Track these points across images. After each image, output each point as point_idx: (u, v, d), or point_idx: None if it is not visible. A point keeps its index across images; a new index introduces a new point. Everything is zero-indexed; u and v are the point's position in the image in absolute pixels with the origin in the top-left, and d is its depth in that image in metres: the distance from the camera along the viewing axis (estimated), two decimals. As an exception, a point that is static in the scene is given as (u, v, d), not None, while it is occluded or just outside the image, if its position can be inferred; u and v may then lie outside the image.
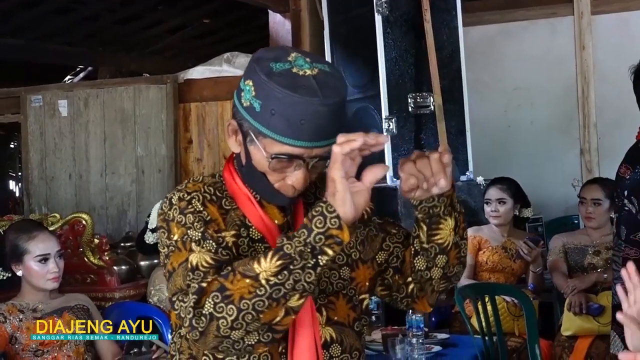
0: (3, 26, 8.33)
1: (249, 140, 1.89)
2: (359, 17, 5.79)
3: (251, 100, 1.85)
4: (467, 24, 6.20)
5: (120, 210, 6.74)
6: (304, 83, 1.83)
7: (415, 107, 5.74)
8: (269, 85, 1.81)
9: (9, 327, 3.68)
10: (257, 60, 1.87)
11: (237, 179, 1.97)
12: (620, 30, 7.32)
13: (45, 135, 6.98)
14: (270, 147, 1.84)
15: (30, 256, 3.75)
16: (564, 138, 7.57)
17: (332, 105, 1.84)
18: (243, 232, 1.93)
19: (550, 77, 7.60)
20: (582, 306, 4.77)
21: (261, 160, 1.88)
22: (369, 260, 2.13)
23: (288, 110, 1.80)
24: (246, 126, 1.88)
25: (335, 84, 1.86)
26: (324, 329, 1.99)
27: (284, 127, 1.81)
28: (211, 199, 1.92)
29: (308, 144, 1.84)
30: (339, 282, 2.04)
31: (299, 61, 1.87)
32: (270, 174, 1.89)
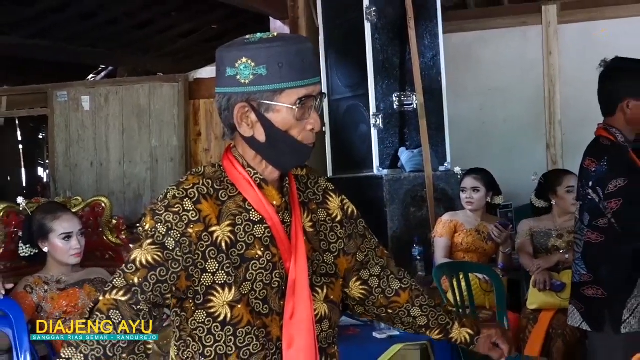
0: (33, 29, 8.31)
1: (264, 109, 1.86)
2: (350, 24, 5.78)
3: (253, 72, 1.83)
4: (447, 32, 6.20)
5: (136, 194, 6.75)
6: (282, 37, 1.91)
7: (399, 105, 5.75)
8: (267, 48, 1.83)
9: (35, 297, 3.69)
10: (229, 48, 1.90)
11: (238, 165, 1.94)
12: (584, 38, 7.32)
13: (70, 127, 6.98)
14: (289, 98, 1.84)
15: (55, 234, 3.75)
16: (532, 134, 7.59)
17: (311, 44, 1.92)
18: (241, 217, 1.90)
19: (520, 79, 7.61)
20: (545, 283, 4.78)
21: (285, 117, 1.85)
22: (350, 254, 2.12)
23: (290, 57, 1.83)
24: (257, 98, 1.85)
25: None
26: (321, 305, 1.98)
27: (294, 73, 1.83)
28: (207, 192, 1.88)
29: (314, 80, 1.87)
30: (331, 266, 2.03)
31: (258, 34, 1.91)
32: (294, 127, 1.86)
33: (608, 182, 3.31)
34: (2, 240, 4.03)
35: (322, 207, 2.06)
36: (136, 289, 1.79)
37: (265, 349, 1.90)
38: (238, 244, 1.87)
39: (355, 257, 2.15)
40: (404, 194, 5.62)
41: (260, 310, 1.88)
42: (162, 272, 1.80)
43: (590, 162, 3.42)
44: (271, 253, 1.90)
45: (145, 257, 1.80)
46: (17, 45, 8.54)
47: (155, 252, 1.81)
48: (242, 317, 1.87)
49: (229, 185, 1.93)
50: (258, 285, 1.88)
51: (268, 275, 1.89)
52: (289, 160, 1.94)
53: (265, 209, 1.91)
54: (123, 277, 1.80)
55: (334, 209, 2.08)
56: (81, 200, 4.45)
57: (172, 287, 1.82)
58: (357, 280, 2.18)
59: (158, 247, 1.81)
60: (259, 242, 1.89)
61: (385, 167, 5.68)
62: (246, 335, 1.87)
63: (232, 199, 1.91)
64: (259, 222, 1.91)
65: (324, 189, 2.10)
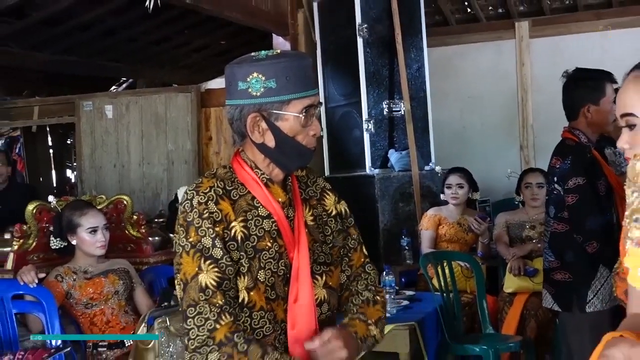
0: (61, 46, 8.31)
1: (274, 118, 1.90)
2: (344, 40, 5.79)
3: (264, 85, 1.87)
4: (431, 46, 6.20)
5: (154, 193, 6.76)
6: (286, 54, 1.99)
7: (389, 111, 5.76)
8: (275, 64, 1.87)
9: (65, 286, 3.70)
10: (240, 64, 1.92)
11: (246, 167, 1.97)
12: (552, 50, 7.33)
13: (95, 133, 6.99)
14: (295, 107, 1.89)
15: (82, 228, 3.76)
16: (507, 137, 7.60)
17: (310, 59, 1.99)
18: (251, 213, 1.92)
19: (496, 88, 7.62)
20: (520, 269, 4.78)
21: (293, 124, 1.90)
22: (337, 247, 2.12)
23: (295, 71, 1.88)
24: (268, 108, 1.89)
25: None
26: (320, 290, 2.00)
27: (299, 85, 1.88)
28: (223, 193, 1.91)
29: (314, 91, 1.93)
30: (329, 256, 2.05)
31: (263, 52, 1.95)
32: (299, 133, 1.91)
33: (569, 179, 3.34)
34: (35, 234, 4.04)
35: (320, 203, 2.09)
36: (225, 307, 1.83)
37: (275, 331, 1.92)
38: (251, 237, 1.90)
39: (340, 251, 2.14)
40: (393, 191, 5.63)
41: (268, 296, 1.91)
42: (227, 285, 1.85)
43: (556, 160, 3.44)
44: (278, 244, 1.93)
45: (209, 280, 1.83)
46: (48, 60, 8.53)
47: (214, 271, 1.84)
48: (256, 302, 1.89)
49: (239, 185, 1.95)
50: (267, 273, 1.90)
51: (275, 264, 1.91)
52: (295, 163, 1.98)
53: (272, 205, 1.94)
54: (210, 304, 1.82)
55: (329, 205, 2.11)
56: (105, 198, 4.46)
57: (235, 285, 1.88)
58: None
59: (212, 264, 1.85)
60: (268, 235, 1.92)
61: (377, 166, 5.68)
62: (260, 318, 1.90)
63: (242, 197, 1.94)
64: (267, 217, 1.93)
65: (321, 187, 2.13)
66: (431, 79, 6.03)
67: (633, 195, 1.16)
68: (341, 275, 2.15)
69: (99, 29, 8.05)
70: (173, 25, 8.23)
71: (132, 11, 6.97)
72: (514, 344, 4.39)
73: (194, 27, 8.31)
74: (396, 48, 5.69)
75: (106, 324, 3.72)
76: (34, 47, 8.25)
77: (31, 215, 4.04)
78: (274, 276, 1.91)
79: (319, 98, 1.97)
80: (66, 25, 7.64)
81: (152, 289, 4.14)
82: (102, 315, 3.72)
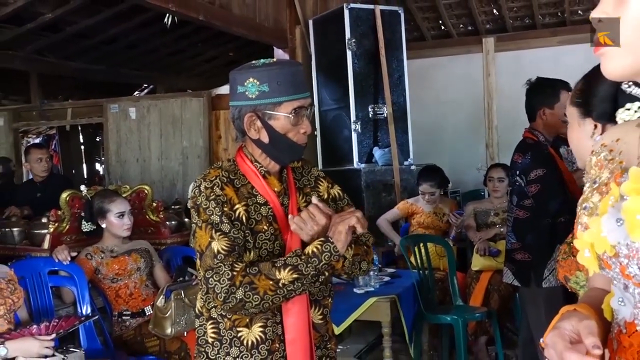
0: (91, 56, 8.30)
1: (267, 117, 1.88)
2: (335, 52, 5.77)
3: (259, 89, 1.85)
4: (410, 57, 6.20)
5: (171, 183, 6.73)
6: (280, 62, 1.96)
7: (374, 114, 5.76)
8: (269, 70, 1.86)
9: (94, 263, 3.69)
10: (240, 71, 1.90)
11: (247, 160, 1.95)
12: (514, 63, 7.36)
13: (120, 132, 6.95)
14: (287, 108, 1.86)
15: (111, 213, 3.75)
16: (475, 136, 7.61)
17: (301, 66, 1.98)
18: (251, 200, 1.90)
19: (466, 94, 7.64)
20: (485, 250, 4.80)
21: (284, 123, 1.88)
22: None
23: (286, 77, 1.86)
24: (262, 109, 1.87)
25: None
26: None
27: (290, 89, 1.86)
28: (227, 181, 1.89)
29: (304, 94, 1.90)
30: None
31: (261, 60, 1.94)
32: (290, 131, 1.89)
33: (530, 172, 3.33)
34: (68, 219, 4.02)
35: (314, 190, 2.06)
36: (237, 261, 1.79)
37: None
38: (250, 220, 1.88)
39: None
40: (376, 183, 5.63)
41: None
42: (236, 252, 1.81)
43: (518, 156, 3.44)
44: (273, 227, 1.90)
45: (222, 245, 1.80)
46: (79, 69, 8.53)
47: (223, 240, 1.81)
48: None
49: (241, 175, 1.93)
50: (264, 252, 1.88)
51: (271, 245, 1.89)
52: (287, 156, 1.95)
53: (268, 194, 1.92)
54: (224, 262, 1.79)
55: (323, 191, 2.07)
56: (129, 188, 4.44)
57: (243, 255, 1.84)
58: None
59: (222, 234, 1.82)
60: (265, 220, 1.90)
61: (363, 161, 5.68)
62: None
63: (244, 186, 1.91)
64: (264, 204, 1.91)
65: (315, 176, 2.09)
66: (410, 87, 6.02)
67: (586, 184, 1.15)
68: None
69: (123, 42, 8.05)
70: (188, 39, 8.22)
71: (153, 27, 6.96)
72: (480, 314, 4.40)
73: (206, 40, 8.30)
74: (380, 60, 5.69)
75: (129, 295, 3.70)
76: (68, 58, 8.25)
77: (65, 202, 4.02)
78: (270, 254, 1.89)
79: (310, 100, 1.94)
80: (95, 38, 7.65)
81: (169, 266, 4.12)
82: (126, 289, 3.70)
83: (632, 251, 0.96)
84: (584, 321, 1.05)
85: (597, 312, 1.12)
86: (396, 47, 5.90)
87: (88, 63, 8.53)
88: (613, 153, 1.11)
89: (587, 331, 1.02)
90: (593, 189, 1.11)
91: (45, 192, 5.22)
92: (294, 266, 1.77)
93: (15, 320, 2.95)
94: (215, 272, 1.78)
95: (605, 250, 1.01)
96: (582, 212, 1.09)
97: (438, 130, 7.53)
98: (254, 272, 1.77)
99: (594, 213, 1.05)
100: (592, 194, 1.09)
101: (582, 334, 1.02)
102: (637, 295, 1.02)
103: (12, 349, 2.67)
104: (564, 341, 1.02)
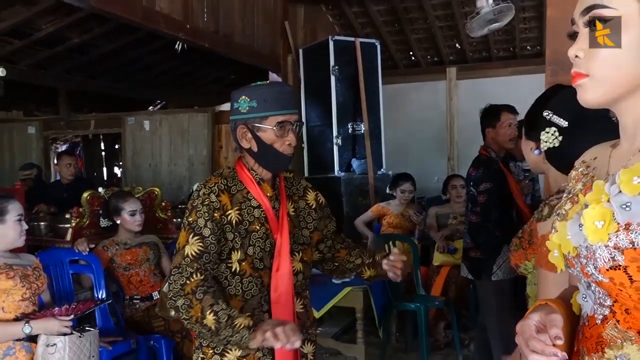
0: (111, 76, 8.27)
1: (256, 129, 1.86)
2: (321, 77, 5.76)
3: (249, 104, 1.85)
4: (385, 83, 6.19)
5: (178, 186, 6.69)
6: (270, 83, 1.93)
7: (352, 130, 5.75)
8: (258, 89, 1.86)
9: (109, 253, 3.67)
10: (237, 90, 1.90)
11: (245, 169, 1.93)
12: (473, 89, 7.39)
13: (135, 141, 6.92)
14: (272, 121, 1.84)
15: (125, 211, 3.72)
16: (438, 151, 7.63)
17: (291, 87, 1.98)
18: (245, 204, 1.88)
19: (432, 114, 7.65)
20: (444, 248, 4.81)
21: (270, 135, 1.85)
22: (320, 230, 2.09)
23: (272, 95, 1.85)
24: (251, 122, 1.86)
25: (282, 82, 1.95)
26: (297, 263, 1.95)
27: (275, 105, 1.84)
28: (225, 188, 1.87)
29: (290, 111, 1.86)
30: (307, 238, 2.01)
31: (258, 82, 1.93)
32: (276, 142, 1.86)
33: (480, 183, 3.36)
34: (88, 215, 3.99)
35: (303, 198, 2.04)
36: (199, 270, 1.77)
37: (261, 292, 1.88)
38: (244, 221, 1.86)
39: (322, 232, 2.11)
40: (354, 189, 5.63)
41: (257, 266, 1.86)
42: (207, 258, 1.79)
43: (472, 169, 3.46)
44: (265, 228, 1.88)
45: (192, 250, 1.78)
46: (102, 86, 8.50)
47: (198, 245, 1.79)
48: (246, 271, 1.85)
49: (239, 182, 1.91)
50: (257, 249, 1.86)
51: (263, 243, 1.87)
52: (274, 165, 1.93)
53: (262, 198, 1.90)
54: (188, 266, 1.77)
55: (310, 200, 2.06)
56: (142, 189, 4.42)
57: (216, 257, 1.81)
58: (316, 250, 2.13)
59: (199, 238, 1.79)
60: (257, 221, 1.88)
61: (343, 170, 5.67)
62: (249, 283, 1.86)
63: (240, 191, 1.90)
64: (257, 207, 1.90)
65: (304, 186, 2.08)
66: (384, 108, 6.02)
67: (564, 194, 1.15)
68: (318, 248, 2.12)
69: (140, 64, 8.02)
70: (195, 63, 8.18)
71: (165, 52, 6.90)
72: (439, 303, 4.41)
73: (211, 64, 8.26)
74: (359, 84, 5.69)
75: (139, 282, 3.68)
76: (92, 77, 8.21)
77: (85, 201, 4.00)
78: (262, 252, 1.87)
79: (296, 117, 1.90)
80: (116, 61, 7.62)
81: (175, 258, 4.09)
82: (137, 276, 3.68)
83: (590, 252, 0.96)
84: (551, 314, 1.05)
85: (567, 306, 1.11)
86: (373, 74, 5.90)
87: (109, 81, 8.48)
88: (589, 169, 1.11)
89: (552, 323, 1.02)
90: (567, 198, 1.11)
91: (71, 193, 5.21)
92: (218, 320, 1.70)
93: (40, 303, 2.92)
94: (178, 272, 1.78)
95: (570, 251, 1.02)
96: (556, 218, 1.10)
97: (407, 145, 7.54)
98: (200, 295, 1.73)
99: (564, 219, 1.06)
100: (565, 202, 1.10)
101: (548, 326, 1.02)
102: (596, 292, 1.02)
103: (36, 328, 2.65)
104: (531, 330, 1.02)
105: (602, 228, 0.93)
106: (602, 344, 0.99)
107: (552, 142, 1.50)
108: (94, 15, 4.80)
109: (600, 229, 0.93)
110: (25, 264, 2.84)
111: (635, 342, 0.94)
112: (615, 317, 0.98)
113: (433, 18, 6.99)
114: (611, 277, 0.93)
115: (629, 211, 0.90)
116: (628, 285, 0.92)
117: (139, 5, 4.23)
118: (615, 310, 0.98)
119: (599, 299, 1.01)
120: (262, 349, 1.86)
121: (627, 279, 0.92)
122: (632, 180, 0.91)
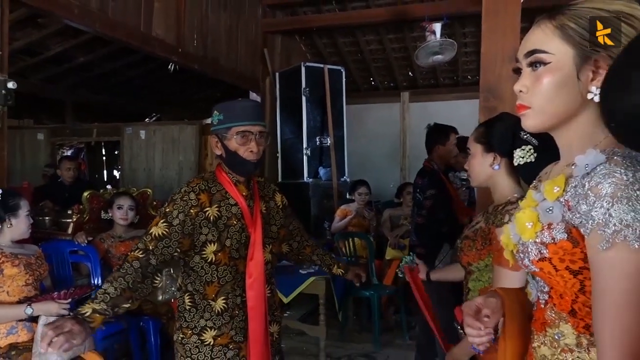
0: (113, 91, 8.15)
1: (223, 138, 1.85)
2: (294, 97, 5.75)
3: (218, 117, 1.85)
4: (349, 103, 6.21)
5: (169, 188, 6.57)
6: (240, 100, 1.91)
7: (320, 143, 5.75)
8: (226, 104, 1.86)
9: (105, 245, 3.59)
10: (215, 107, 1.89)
11: (223, 172, 1.91)
12: (422, 111, 7.45)
13: (132, 148, 6.80)
14: (233, 132, 1.82)
15: (115, 205, 3.66)
16: (393, 162, 7.67)
17: (257, 102, 1.96)
18: (224, 202, 1.87)
19: (388, 131, 7.70)
20: (395, 245, 4.85)
21: (233, 143, 1.83)
22: (285, 227, 2.11)
23: (236, 109, 1.84)
24: (220, 132, 1.85)
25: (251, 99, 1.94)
26: (268, 254, 1.95)
27: (237, 117, 1.82)
28: (205, 188, 1.85)
29: (252, 122, 1.83)
30: (275, 233, 2.02)
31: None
32: (239, 149, 1.83)
33: (426, 190, 3.38)
34: (87, 212, 3.91)
35: (272, 199, 2.05)
36: (149, 251, 1.76)
37: (235, 279, 1.87)
38: (222, 217, 1.84)
39: (288, 229, 2.13)
40: (320, 192, 5.63)
41: (234, 255, 1.85)
42: (167, 242, 1.77)
43: (419, 178, 3.49)
44: (241, 223, 1.88)
45: (157, 232, 1.76)
46: (105, 100, 8.38)
47: (164, 229, 1.77)
48: (222, 260, 1.84)
49: (218, 183, 1.90)
50: (233, 241, 1.85)
51: (239, 236, 1.87)
52: (240, 169, 1.89)
53: (239, 197, 1.90)
54: (143, 243, 1.77)
55: (278, 201, 2.07)
56: (136, 190, 4.34)
57: (176, 249, 1.78)
58: (286, 244, 2.17)
59: (167, 224, 1.77)
60: (235, 217, 1.87)
61: (311, 177, 5.66)
62: (223, 271, 1.85)
63: (219, 192, 1.88)
64: (234, 205, 1.89)
65: (273, 189, 2.09)
66: (347, 124, 6.04)
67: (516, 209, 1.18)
68: (289, 244, 2.17)
69: (137, 82, 7.93)
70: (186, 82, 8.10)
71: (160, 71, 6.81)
72: (390, 290, 4.44)
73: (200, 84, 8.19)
74: (326, 104, 5.70)
75: (132, 271, 3.60)
76: (95, 91, 8.09)
77: (85, 199, 3.92)
78: (238, 243, 1.86)
79: (259, 128, 1.85)
80: (116, 78, 7.52)
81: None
82: (129, 266, 3.61)
83: (525, 248, 1.01)
84: (490, 298, 1.11)
85: (515, 294, 1.15)
86: (338, 95, 5.92)
87: (110, 96, 8.35)
88: (539, 183, 1.14)
89: (487, 305, 1.09)
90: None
91: (71, 192, 5.11)
92: (105, 292, 1.67)
93: (42, 288, 2.84)
94: (137, 244, 1.78)
95: (512, 248, 1.08)
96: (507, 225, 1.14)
97: (367, 156, 7.56)
98: (123, 268, 1.73)
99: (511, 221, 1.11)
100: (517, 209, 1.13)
101: (484, 307, 1.09)
102: (538, 281, 1.06)
103: (37, 309, 2.58)
104: (471, 310, 1.10)
105: (531, 228, 0.99)
106: (545, 325, 1.03)
107: (528, 158, 1.49)
108: (98, 38, 4.73)
109: (530, 228, 0.99)
110: (29, 254, 2.78)
111: (568, 322, 0.98)
112: (552, 302, 1.02)
113: (390, 50, 7.05)
114: (541, 267, 0.98)
115: (550, 214, 0.96)
116: (554, 273, 0.97)
117: (137, 30, 4.20)
118: (552, 295, 1.02)
119: (541, 286, 1.05)
120: (235, 328, 1.86)
121: (553, 268, 0.96)
122: (553, 190, 0.97)
